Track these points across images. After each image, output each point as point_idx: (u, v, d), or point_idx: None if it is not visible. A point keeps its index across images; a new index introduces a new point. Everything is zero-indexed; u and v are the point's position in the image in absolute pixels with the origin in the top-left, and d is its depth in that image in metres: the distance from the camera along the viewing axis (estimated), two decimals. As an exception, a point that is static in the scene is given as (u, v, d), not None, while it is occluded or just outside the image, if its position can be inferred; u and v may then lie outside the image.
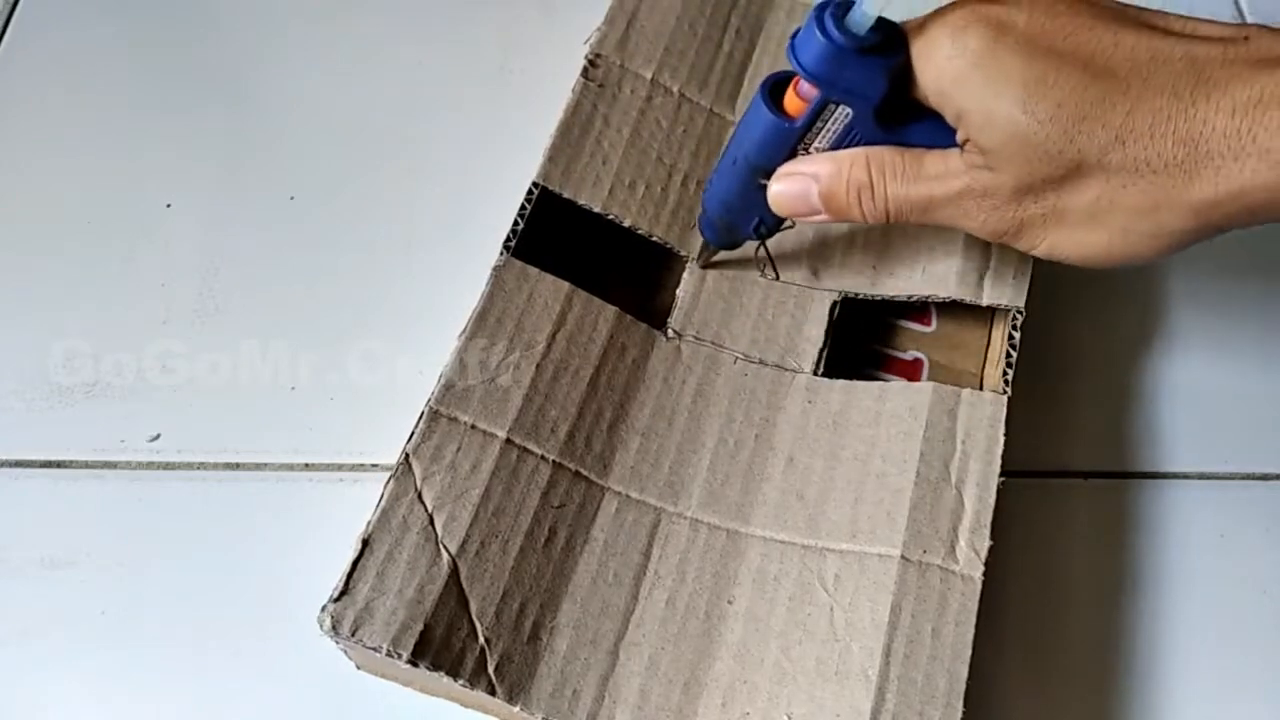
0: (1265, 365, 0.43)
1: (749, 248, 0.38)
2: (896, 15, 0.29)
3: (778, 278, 0.39)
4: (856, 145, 0.31)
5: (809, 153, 0.32)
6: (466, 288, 0.36)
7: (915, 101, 0.30)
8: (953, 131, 0.30)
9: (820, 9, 0.29)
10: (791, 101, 0.31)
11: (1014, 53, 0.27)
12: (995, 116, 0.28)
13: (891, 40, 0.29)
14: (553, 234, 0.38)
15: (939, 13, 0.29)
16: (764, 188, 0.34)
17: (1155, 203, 0.27)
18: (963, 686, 0.30)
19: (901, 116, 0.31)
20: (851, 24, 0.29)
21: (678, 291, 0.39)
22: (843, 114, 0.31)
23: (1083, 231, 0.29)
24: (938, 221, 0.31)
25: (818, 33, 0.29)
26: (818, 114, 0.31)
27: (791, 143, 0.32)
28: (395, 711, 0.35)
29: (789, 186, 0.33)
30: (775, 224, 0.36)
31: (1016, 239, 0.31)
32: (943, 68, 0.28)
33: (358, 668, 0.34)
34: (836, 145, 0.32)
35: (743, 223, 0.36)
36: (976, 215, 0.30)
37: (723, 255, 0.39)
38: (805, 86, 0.31)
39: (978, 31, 0.28)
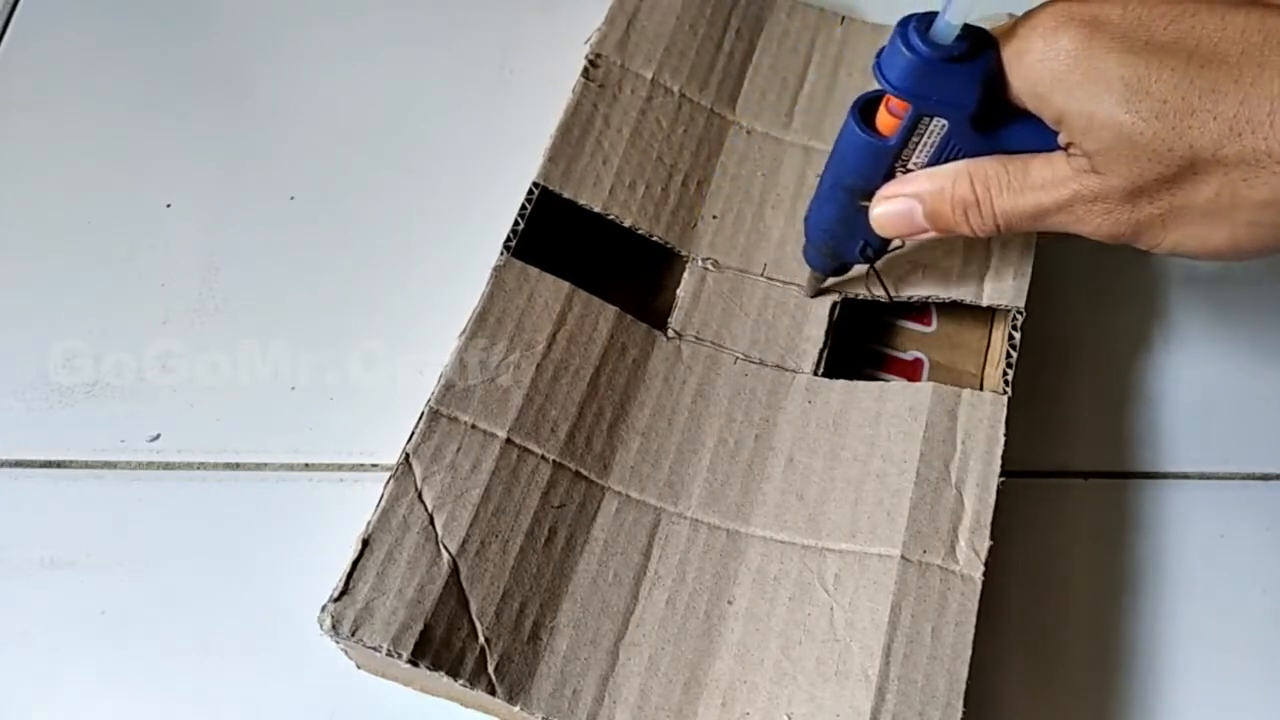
0: (1265, 365, 0.43)
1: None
2: (982, 22, 0.29)
3: (891, 300, 0.38)
4: (956, 157, 0.31)
5: (907, 169, 0.31)
6: (466, 288, 0.36)
7: (1012, 105, 0.29)
8: (1054, 132, 0.29)
9: (904, 23, 0.28)
10: (884, 120, 0.30)
11: (1110, 50, 0.26)
12: (1096, 119, 0.26)
13: (980, 46, 0.28)
14: (553, 234, 0.38)
15: (1029, 15, 0.28)
16: (865, 210, 0.33)
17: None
18: (963, 686, 0.30)
19: (1000, 121, 0.30)
20: (937, 35, 0.28)
21: (678, 291, 0.39)
22: (938, 126, 0.30)
23: (1205, 228, 0.28)
24: (1050, 228, 0.30)
25: (903, 48, 0.28)
26: (912, 129, 0.30)
27: (888, 162, 0.31)
28: (395, 711, 0.35)
29: (892, 208, 0.32)
30: (881, 245, 0.35)
31: (1136, 239, 0.29)
32: (1037, 72, 0.27)
33: (358, 667, 0.34)
34: (935, 159, 0.31)
35: (848, 248, 0.35)
36: (1090, 220, 0.29)
37: (832, 281, 0.38)
38: (896, 103, 0.30)
39: (1070, 32, 0.27)
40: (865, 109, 0.31)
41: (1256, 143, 0.25)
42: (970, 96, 0.29)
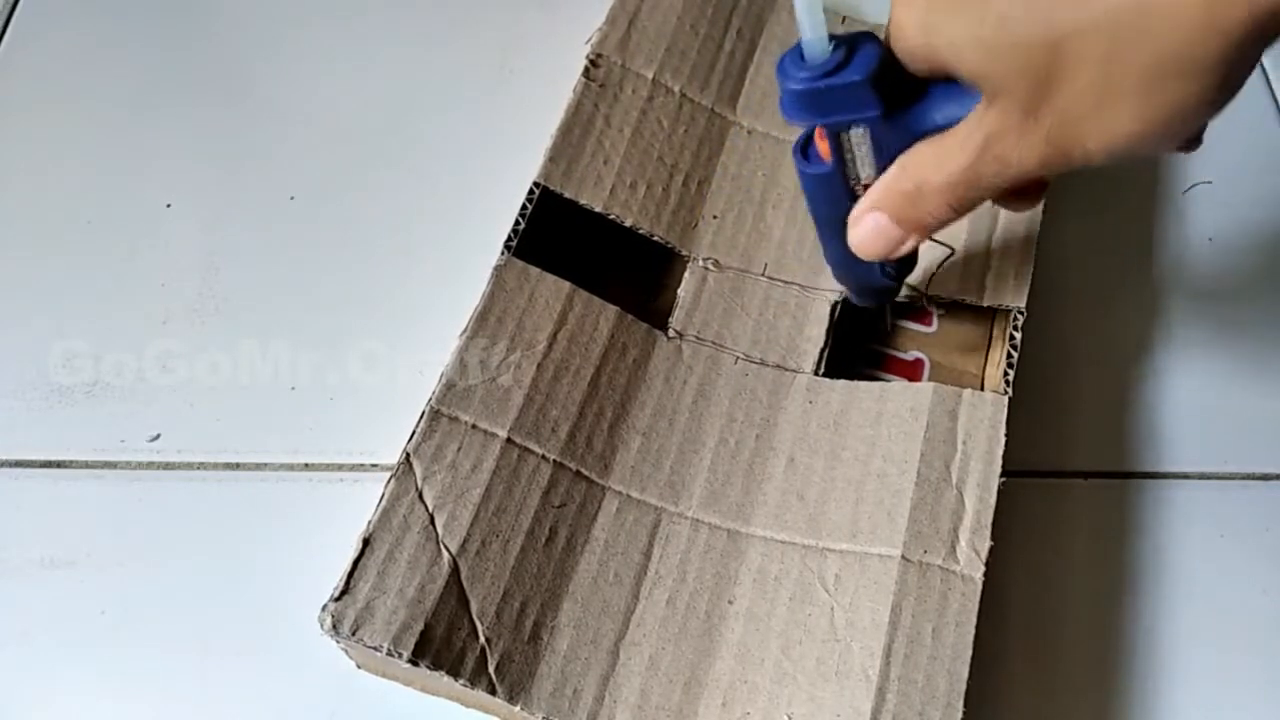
0: (1264, 366, 0.43)
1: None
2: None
3: (926, 300, 0.38)
4: (898, 153, 0.30)
5: (863, 185, 0.31)
6: (466, 288, 0.36)
7: (918, 80, 0.29)
8: (966, 90, 0.29)
9: (780, 60, 0.29)
10: (820, 147, 0.31)
11: None
12: (960, 43, 0.27)
13: (856, 46, 0.29)
14: (553, 234, 0.38)
15: None
16: None
17: (1145, 48, 0.24)
18: (963, 686, 0.30)
19: (915, 99, 0.30)
20: (810, 57, 0.28)
21: (679, 291, 0.39)
22: (860, 135, 0.30)
23: (1110, 115, 0.26)
24: (993, 186, 0.29)
25: (784, 82, 0.29)
26: (839, 148, 0.30)
27: (840, 185, 0.31)
28: (395, 711, 0.35)
29: (862, 229, 0.32)
30: (899, 261, 0.34)
31: (1068, 158, 0.28)
32: (908, 34, 0.28)
33: (358, 667, 0.34)
34: (881, 164, 0.31)
35: (869, 273, 0.35)
36: (1012, 156, 0.28)
37: (903, 295, 0.38)
38: (816, 131, 0.30)
39: None
40: (805, 145, 0.32)
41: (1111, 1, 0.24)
42: (867, 96, 0.29)
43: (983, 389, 0.36)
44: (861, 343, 0.41)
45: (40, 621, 0.37)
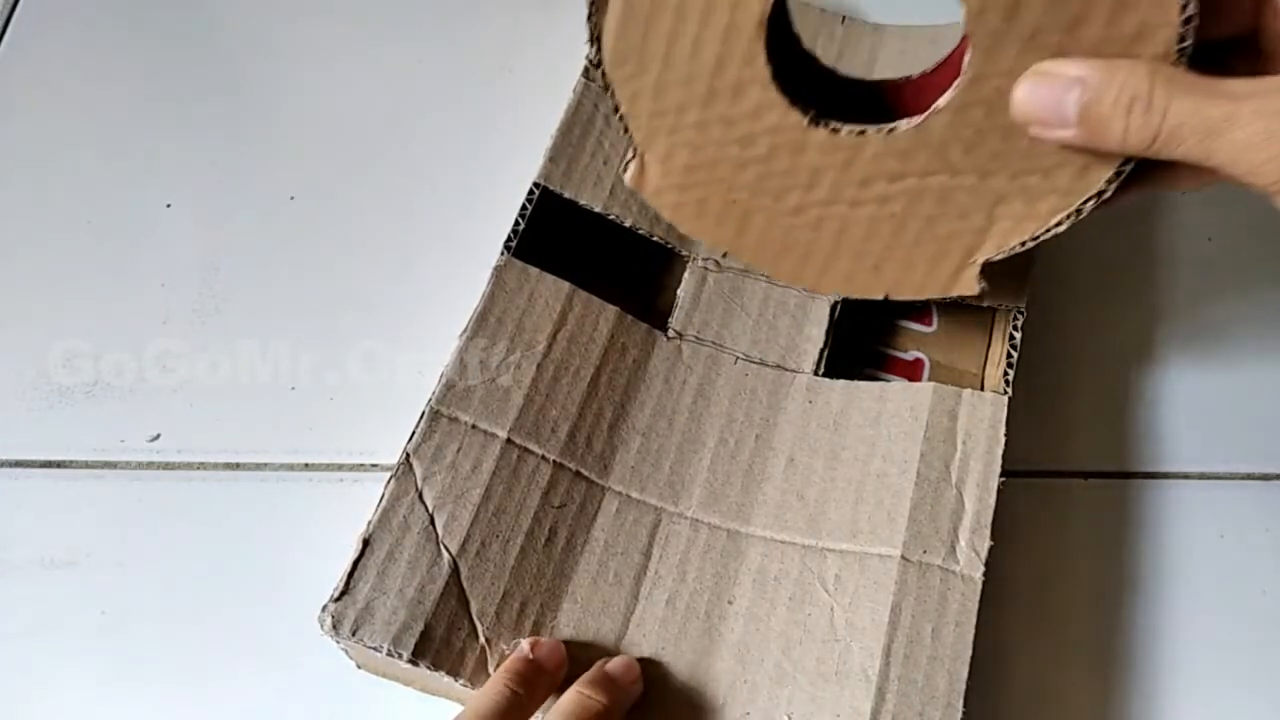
0: (1265, 365, 0.43)
1: None
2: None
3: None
4: None
5: None
6: (466, 288, 0.36)
7: None
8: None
9: None
10: None
11: None
12: None
13: None
14: (553, 234, 0.38)
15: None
16: None
17: None
18: (963, 687, 0.30)
19: None
20: None
21: (678, 291, 0.39)
22: None
23: None
24: (1213, 155, 0.25)
25: None
26: None
27: None
28: (395, 711, 0.35)
29: (1044, 87, 0.27)
30: None
31: None
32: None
33: (358, 667, 0.34)
34: None
35: None
36: (1267, 148, 0.24)
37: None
38: None
39: None
40: None
41: None
42: None
43: (982, 389, 0.36)
44: (861, 343, 0.41)
45: (40, 621, 0.37)
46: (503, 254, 0.37)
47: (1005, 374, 0.36)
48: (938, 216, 0.32)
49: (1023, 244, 0.32)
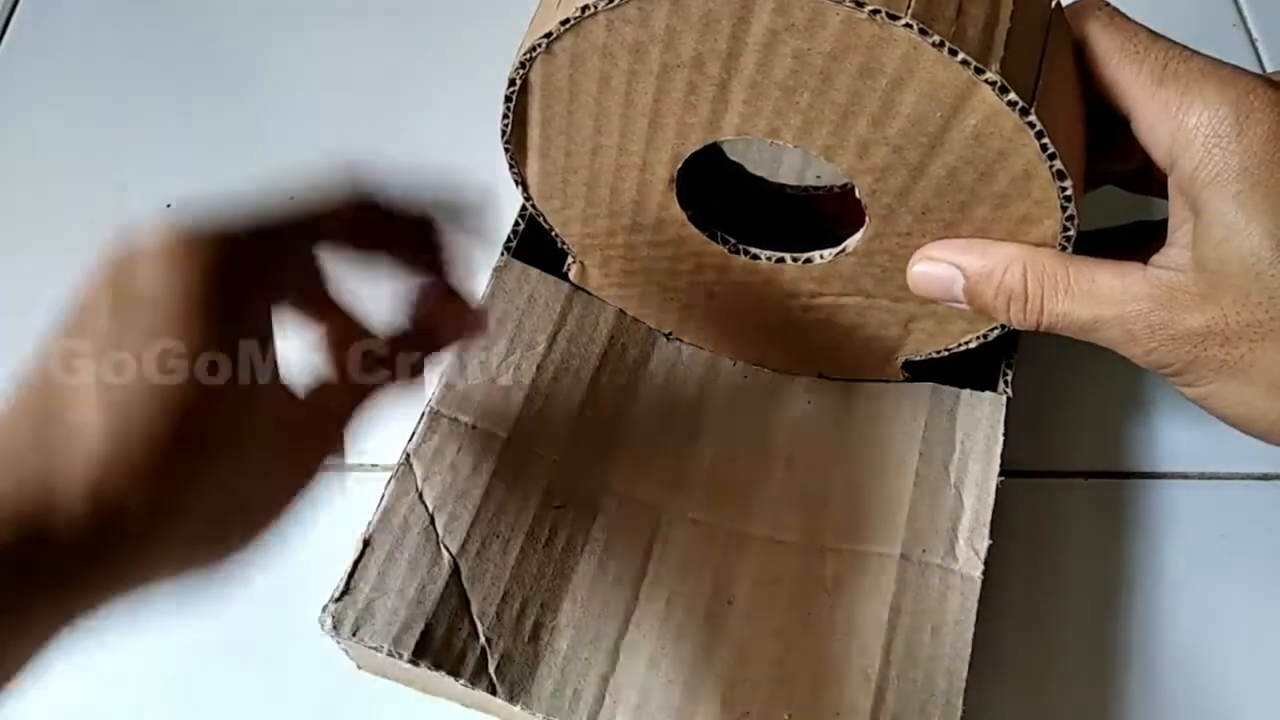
0: (1265, 365, 0.42)
1: None
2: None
3: None
4: None
5: None
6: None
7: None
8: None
9: None
10: None
11: None
12: (1237, 238, 0.22)
13: None
14: (553, 234, 0.38)
15: (1208, 68, 0.23)
16: None
17: None
18: (962, 686, 0.30)
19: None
20: None
21: (678, 291, 0.39)
22: None
23: (1258, 394, 0.25)
24: (1094, 340, 0.27)
25: None
26: None
27: None
28: (395, 711, 0.35)
29: (933, 270, 0.29)
30: None
31: (1177, 376, 0.26)
32: (1204, 149, 0.23)
33: (358, 667, 0.34)
34: None
35: None
36: (1144, 344, 0.26)
37: None
38: None
39: (1268, 120, 0.22)
40: None
41: None
42: None
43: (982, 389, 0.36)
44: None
45: (41, 621, 0.37)
46: (502, 254, 0.37)
47: (1005, 374, 0.36)
48: (858, 325, 0.34)
49: (937, 353, 0.34)
